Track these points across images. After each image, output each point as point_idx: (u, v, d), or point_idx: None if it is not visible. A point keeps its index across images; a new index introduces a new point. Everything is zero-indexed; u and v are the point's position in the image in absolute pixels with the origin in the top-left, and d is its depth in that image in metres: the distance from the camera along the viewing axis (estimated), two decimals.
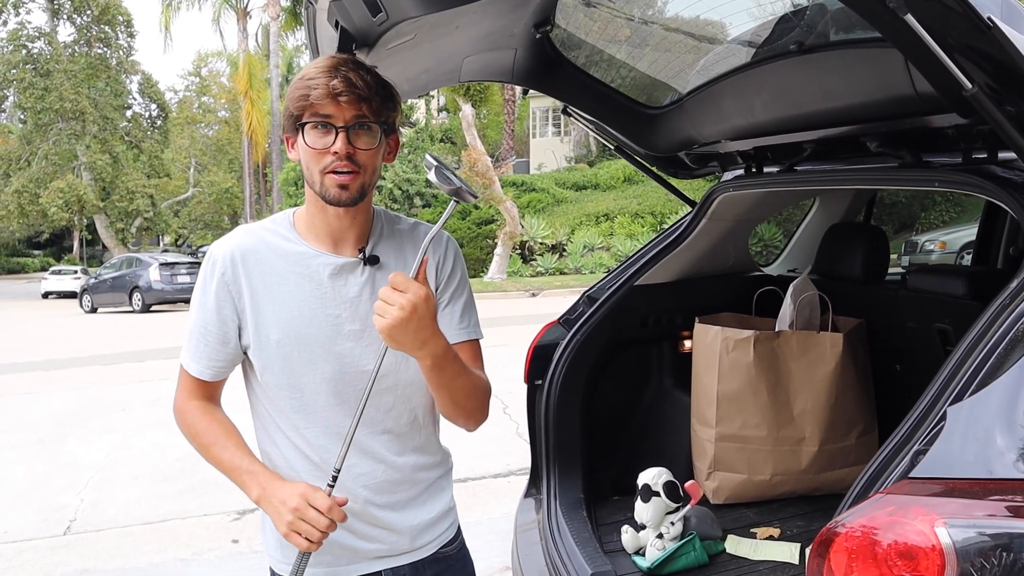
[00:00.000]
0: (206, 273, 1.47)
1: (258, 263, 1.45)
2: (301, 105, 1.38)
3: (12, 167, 32.20)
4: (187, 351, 1.50)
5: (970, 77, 1.29)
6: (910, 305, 2.73)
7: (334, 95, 1.36)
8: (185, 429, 1.53)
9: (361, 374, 1.44)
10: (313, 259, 1.46)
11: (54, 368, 10.98)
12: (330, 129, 1.38)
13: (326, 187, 1.40)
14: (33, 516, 4.84)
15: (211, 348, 1.48)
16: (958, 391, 1.25)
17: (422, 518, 1.56)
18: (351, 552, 1.53)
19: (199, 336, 1.48)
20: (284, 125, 1.45)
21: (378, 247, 1.50)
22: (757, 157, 2.54)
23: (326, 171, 1.39)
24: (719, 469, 2.72)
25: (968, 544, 1.08)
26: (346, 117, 1.37)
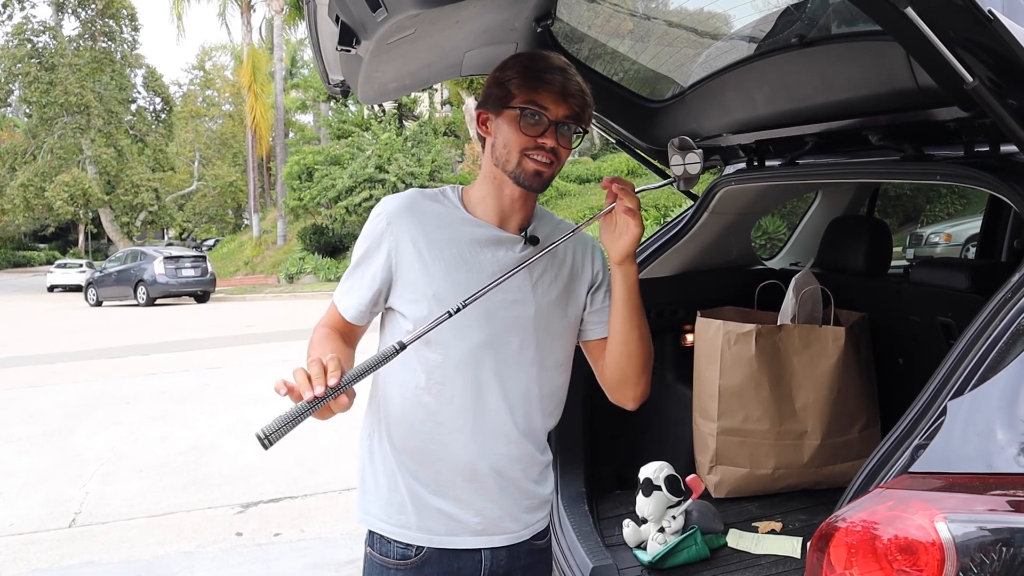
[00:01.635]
0: (372, 223, 1.54)
1: (424, 222, 1.52)
2: (524, 91, 1.46)
3: (18, 161, 32.29)
4: (341, 288, 1.57)
5: (971, 70, 1.28)
6: (913, 298, 2.73)
7: (565, 95, 1.46)
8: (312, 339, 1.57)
9: (504, 345, 1.50)
10: (477, 227, 1.53)
11: (60, 361, 11.03)
12: (543, 120, 1.46)
13: (524, 168, 1.48)
14: (39, 508, 4.87)
15: (361, 291, 1.53)
16: (959, 385, 1.24)
17: (528, 498, 1.58)
18: (453, 522, 1.52)
19: (357, 276, 1.54)
20: (485, 102, 1.52)
21: (537, 230, 1.58)
22: (759, 150, 2.53)
23: (527, 154, 1.47)
24: (721, 463, 2.72)
25: (968, 539, 1.08)
26: (559, 115, 1.46)
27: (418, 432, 1.51)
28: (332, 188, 23.16)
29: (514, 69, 1.49)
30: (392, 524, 1.53)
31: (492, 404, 1.50)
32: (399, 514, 1.53)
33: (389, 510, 1.54)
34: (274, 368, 9.62)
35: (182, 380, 9.15)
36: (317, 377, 1.31)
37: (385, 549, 1.54)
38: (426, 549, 1.52)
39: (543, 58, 1.50)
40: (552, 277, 1.56)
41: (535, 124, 1.46)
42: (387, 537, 1.54)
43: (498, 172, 1.51)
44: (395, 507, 1.53)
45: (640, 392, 1.62)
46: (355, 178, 22.75)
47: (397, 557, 1.53)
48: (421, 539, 1.52)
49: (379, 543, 1.55)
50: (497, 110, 1.50)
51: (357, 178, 22.73)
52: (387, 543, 1.54)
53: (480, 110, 1.54)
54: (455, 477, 1.51)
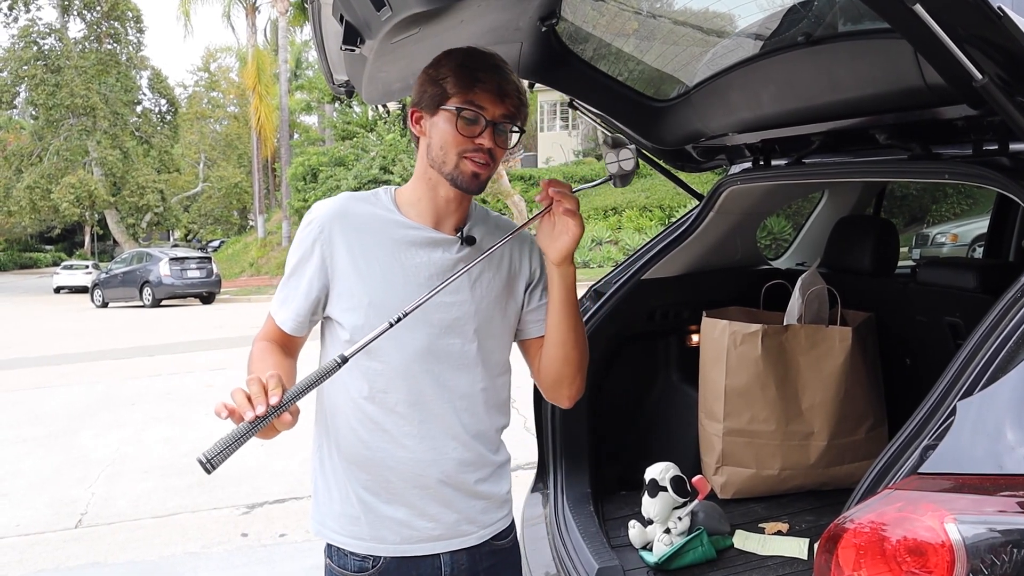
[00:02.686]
0: (303, 233, 1.50)
1: (357, 227, 1.48)
2: (460, 91, 1.43)
3: (24, 163, 32.38)
4: (276, 300, 1.54)
5: (980, 68, 1.27)
6: (920, 298, 2.71)
7: (500, 95, 1.43)
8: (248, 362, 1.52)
9: (445, 348, 1.49)
10: (412, 230, 1.50)
11: (66, 362, 11.06)
12: (480, 121, 1.43)
13: (461, 171, 1.45)
14: (45, 509, 4.88)
15: (297, 301, 1.50)
16: (968, 385, 1.23)
17: (483, 500, 1.56)
18: (407, 529, 1.50)
19: (291, 286, 1.51)
20: (419, 100, 1.48)
21: (473, 230, 1.55)
22: (765, 150, 2.52)
23: (464, 155, 1.44)
24: (727, 464, 2.70)
25: (978, 540, 1.07)
26: (497, 114, 1.44)
27: (365, 442, 1.48)
28: (337, 189, 23.17)
29: (448, 67, 1.45)
30: (347, 536, 1.52)
31: (437, 408, 1.48)
32: (352, 525, 1.51)
33: (343, 521, 1.52)
34: None
35: (187, 381, 9.16)
36: (257, 396, 1.28)
37: (343, 561, 1.53)
38: (383, 559, 1.50)
39: (479, 56, 1.47)
40: (491, 276, 1.55)
41: (472, 124, 1.43)
42: (344, 549, 1.52)
43: (433, 173, 1.48)
44: (348, 518, 1.51)
45: (575, 391, 1.60)
46: (360, 179, 22.78)
47: (354, 569, 1.51)
48: (377, 549, 1.50)
49: (337, 555, 1.54)
50: (432, 109, 1.46)
51: (362, 179, 22.76)
52: (344, 555, 1.53)
53: (414, 108, 1.50)
54: (406, 485, 1.49)
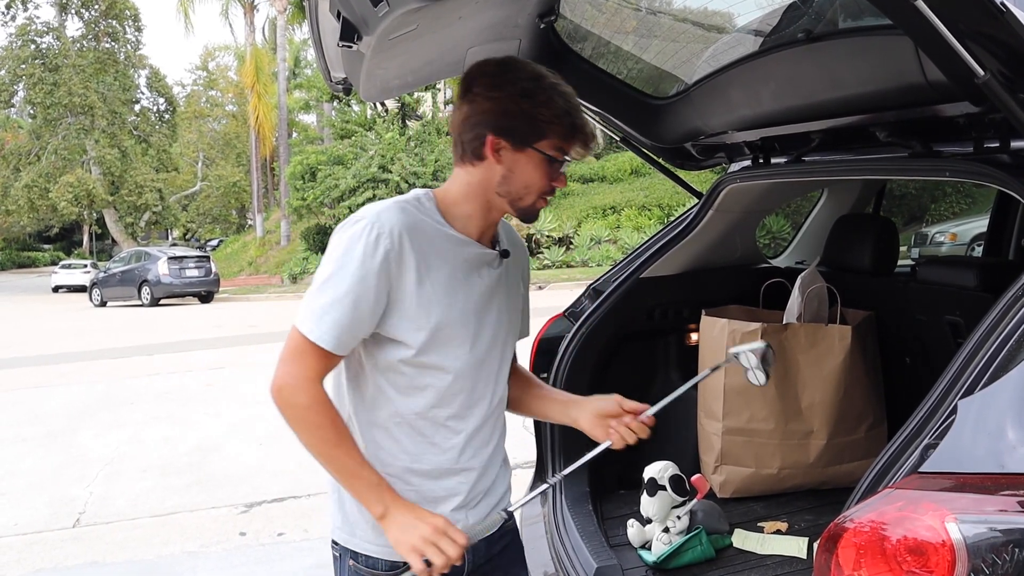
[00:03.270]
0: (368, 243, 1.37)
1: (423, 242, 1.42)
2: (561, 140, 1.43)
3: (22, 162, 32.36)
4: (326, 322, 1.37)
5: (982, 64, 1.26)
6: (920, 297, 2.71)
7: (589, 143, 1.47)
8: (303, 415, 1.41)
9: (490, 363, 1.54)
10: (465, 246, 1.49)
11: (64, 362, 11.04)
12: (560, 164, 1.46)
13: (535, 207, 1.49)
14: (43, 508, 4.87)
15: (360, 322, 1.39)
16: (969, 384, 1.23)
17: (503, 493, 1.63)
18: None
19: (350, 308, 1.37)
20: (507, 132, 1.41)
21: (503, 243, 1.59)
22: (764, 148, 2.51)
23: (543, 194, 1.48)
24: (726, 463, 2.70)
25: (979, 540, 1.07)
26: (575, 156, 1.48)
27: (411, 454, 1.50)
28: (335, 188, 23.17)
29: (551, 110, 1.40)
30: (381, 545, 1.50)
31: (479, 419, 1.53)
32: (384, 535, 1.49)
33: (378, 532, 1.49)
34: None
35: (186, 380, 9.15)
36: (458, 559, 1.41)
37: (372, 562, 1.53)
38: None
39: (573, 98, 1.45)
40: (511, 287, 1.60)
41: (557, 170, 1.46)
42: (375, 557, 1.52)
43: (499, 201, 1.47)
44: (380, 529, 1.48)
45: None
46: (358, 178, 22.77)
47: (386, 569, 1.51)
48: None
49: (366, 560, 1.54)
50: (521, 146, 1.42)
51: (360, 178, 22.75)
52: (375, 560, 1.53)
53: (496, 137, 1.41)
54: (445, 493, 1.51)
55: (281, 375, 1.41)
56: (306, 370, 1.40)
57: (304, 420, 1.42)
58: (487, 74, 1.45)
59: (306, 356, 1.39)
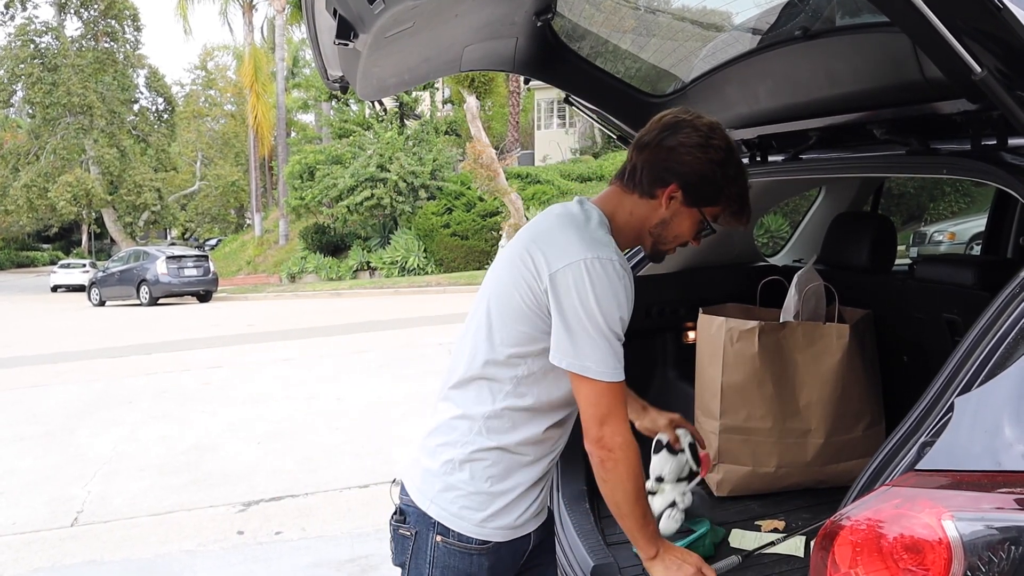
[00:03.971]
0: (616, 282, 1.46)
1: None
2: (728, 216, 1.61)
3: (21, 162, 32.33)
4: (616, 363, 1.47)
5: (980, 61, 1.26)
6: (918, 295, 2.70)
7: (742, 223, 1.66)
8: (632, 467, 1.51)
9: None
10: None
11: (63, 361, 11.04)
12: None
13: (669, 252, 1.64)
14: (41, 507, 4.87)
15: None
16: (966, 382, 1.23)
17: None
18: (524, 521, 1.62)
19: (621, 343, 1.49)
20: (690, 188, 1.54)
21: None
22: (762, 145, 2.51)
23: (678, 246, 1.62)
24: (723, 461, 2.69)
25: (976, 537, 1.06)
26: None
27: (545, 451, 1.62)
28: (334, 187, 23.17)
29: (736, 188, 1.57)
30: (479, 525, 1.57)
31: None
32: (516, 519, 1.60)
33: (485, 517, 1.57)
34: (276, 367, 9.61)
35: (184, 379, 9.15)
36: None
37: (466, 539, 1.57)
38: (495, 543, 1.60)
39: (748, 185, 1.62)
40: None
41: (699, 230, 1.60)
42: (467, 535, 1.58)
43: (648, 238, 1.60)
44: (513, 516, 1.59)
45: None
46: (357, 177, 22.76)
47: (478, 543, 1.57)
48: (501, 535, 1.59)
49: (456, 535, 1.58)
50: (693, 204, 1.56)
51: (359, 177, 22.74)
52: (468, 536, 1.57)
53: (677, 186, 1.53)
54: (540, 480, 1.64)
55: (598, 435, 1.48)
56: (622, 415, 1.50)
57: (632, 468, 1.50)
58: (698, 129, 1.55)
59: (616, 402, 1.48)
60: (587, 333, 1.43)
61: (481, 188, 20.10)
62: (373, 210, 23.04)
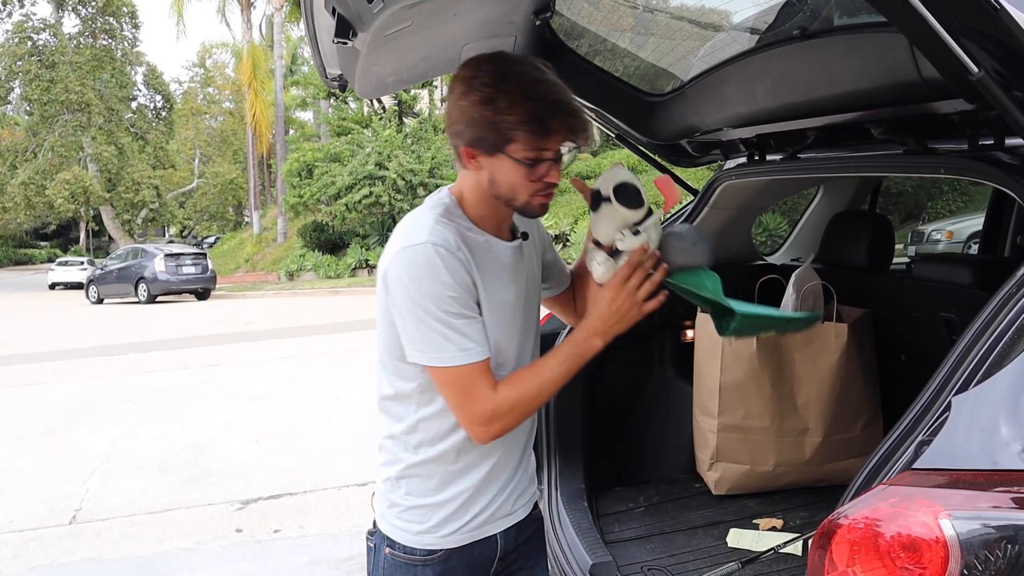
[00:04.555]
0: (435, 264, 1.37)
1: (471, 249, 1.44)
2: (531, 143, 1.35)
3: (19, 159, 32.27)
4: (461, 347, 1.40)
5: (977, 61, 1.26)
6: (915, 294, 2.71)
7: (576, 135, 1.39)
8: (515, 412, 1.44)
9: (523, 342, 1.55)
10: (497, 245, 1.50)
11: (61, 359, 11.03)
12: (546, 162, 1.39)
13: (532, 204, 1.44)
14: (39, 505, 4.86)
15: (478, 325, 1.43)
16: (963, 381, 1.23)
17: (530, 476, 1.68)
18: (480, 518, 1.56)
19: (468, 320, 1.41)
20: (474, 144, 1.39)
21: (520, 226, 1.59)
22: (760, 145, 2.51)
23: (536, 195, 1.42)
24: (722, 460, 2.70)
25: (972, 536, 1.07)
26: (560, 148, 1.39)
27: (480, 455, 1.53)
28: (332, 185, 23.14)
29: (515, 115, 1.33)
30: (418, 534, 1.54)
31: None
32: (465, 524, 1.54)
33: (420, 523, 1.54)
34: (274, 365, 9.61)
35: (182, 377, 9.14)
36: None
37: (410, 549, 1.54)
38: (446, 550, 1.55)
39: (546, 96, 1.35)
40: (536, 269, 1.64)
41: (541, 168, 1.39)
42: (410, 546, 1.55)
43: (496, 202, 1.45)
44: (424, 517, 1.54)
45: None
46: (355, 175, 22.74)
47: (423, 554, 1.53)
48: (448, 542, 1.54)
49: (401, 547, 1.55)
50: (492, 152, 1.38)
51: (357, 175, 22.72)
52: (411, 547, 1.55)
53: (467, 147, 1.40)
54: (490, 483, 1.55)
55: (470, 420, 1.43)
56: (482, 391, 1.42)
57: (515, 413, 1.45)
58: (458, 79, 1.41)
59: (474, 382, 1.41)
60: (421, 322, 1.39)
61: None
62: (372, 208, 23.02)
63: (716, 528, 2.51)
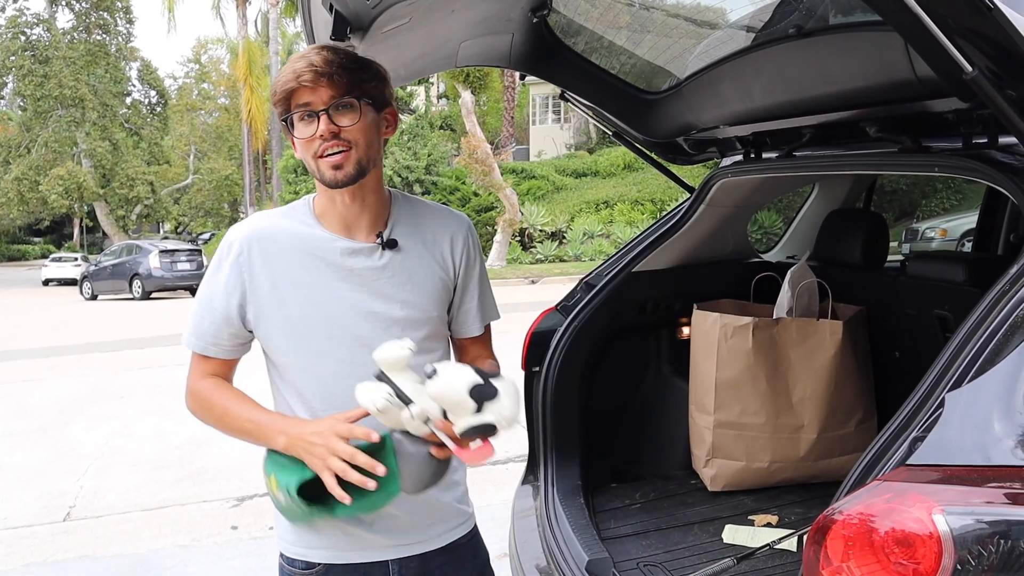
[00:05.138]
0: (221, 254, 1.48)
1: (275, 246, 1.46)
2: (281, 99, 1.40)
3: (12, 154, 32.17)
4: (190, 330, 1.51)
5: (970, 60, 1.27)
6: (910, 292, 2.72)
7: (300, 80, 1.37)
8: (196, 407, 1.54)
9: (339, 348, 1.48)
10: (328, 242, 1.46)
11: (55, 355, 10.99)
12: (313, 117, 1.38)
13: (322, 171, 1.41)
14: (33, 503, 4.85)
15: (215, 326, 1.49)
16: (957, 377, 1.24)
17: (433, 511, 1.57)
18: (356, 538, 1.52)
19: (204, 314, 1.49)
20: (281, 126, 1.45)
21: (396, 231, 1.51)
22: (756, 142, 2.52)
23: (318, 156, 1.40)
24: (717, 456, 2.71)
25: (966, 531, 1.08)
26: (323, 99, 1.37)
27: None
28: None
29: (278, 80, 1.41)
30: (292, 543, 1.55)
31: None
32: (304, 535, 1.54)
33: (292, 531, 1.54)
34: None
35: (177, 374, 9.11)
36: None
37: (291, 560, 1.56)
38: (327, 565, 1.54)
39: (296, 57, 1.41)
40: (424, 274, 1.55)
41: (307, 124, 1.39)
42: (291, 557, 1.56)
43: (319, 183, 1.46)
44: (302, 529, 1.53)
45: None
46: None
47: (302, 568, 1.54)
48: (326, 556, 1.53)
49: (287, 559, 1.58)
50: (287, 131, 1.43)
51: None
52: (292, 559, 1.56)
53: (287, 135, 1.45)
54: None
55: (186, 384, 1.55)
56: (192, 372, 1.54)
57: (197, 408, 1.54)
58: None
59: (191, 361, 1.54)
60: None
61: (476, 183, 20.09)
62: None
63: (712, 524, 2.52)
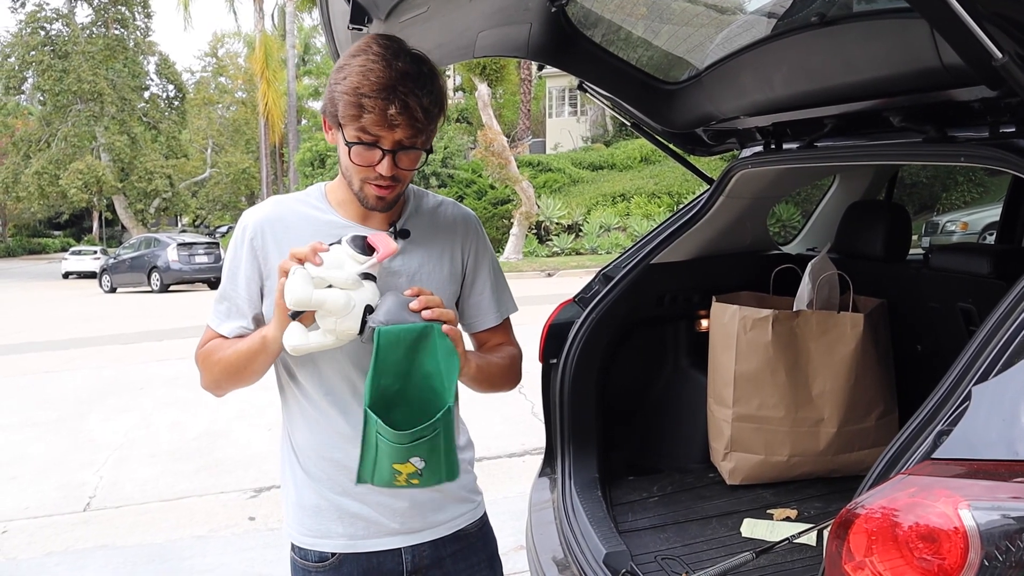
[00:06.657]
0: (236, 240, 1.49)
1: (286, 230, 1.46)
2: (349, 120, 1.32)
3: (32, 149, 32.45)
4: (214, 313, 1.53)
5: (1000, 46, 1.24)
6: (932, 284, 2.69)
7: (391, 124, 1.30)
8: (200, 365, 1.59)
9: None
10: (342, 228, 1.44)
11: (74, 347, 11.10)
12: (376, 150, 1.34)
13: (365, 195, 1.40)
14: (53, 493, 4.91)
15: (238, 310, 1.50)
16: (983, 370, 1.22)
17: (444, 495, 1.56)
18: (369, 525, 1.52)
19: (228, 299, 1.51)
20: (326, 110, 1.38)
21: (409, 222, 1.51)
22: (776, 133, 2.49)
23: (367, 182, 1.38)
24: (736, 449, 2.69)
25: (992, 527, 1.06)
26: (395, 140, 1.33)
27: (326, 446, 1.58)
28: None
29: (343, 87, 1.31)
30: (304, 535, 1.55)
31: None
32: (317, 524, 1.53)
33: (305, 521, 1.55)
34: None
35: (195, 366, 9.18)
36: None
37: (304, 553, 1.55)
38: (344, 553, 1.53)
39: (373, 74, 1.29)
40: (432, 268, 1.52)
41: (367, 151, 1.34)
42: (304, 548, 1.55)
43: (348, 182, 1.43)
44: (311, 515, 1.54)
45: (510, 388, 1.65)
46: None
47: (315, 560, 1.54)
48: (340, 546, 1.52)
49: (299, 550, 1.57)
50: (334, 124, 1.38)
51: None
52: (305, 550, 1.55)
53: (325, 118, 1.40)
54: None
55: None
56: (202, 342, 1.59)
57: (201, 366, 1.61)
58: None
59: (205, 334, 1.58)
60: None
61: (492, 176, 20.06)
62: None
63: (730, 518, 2.50)
